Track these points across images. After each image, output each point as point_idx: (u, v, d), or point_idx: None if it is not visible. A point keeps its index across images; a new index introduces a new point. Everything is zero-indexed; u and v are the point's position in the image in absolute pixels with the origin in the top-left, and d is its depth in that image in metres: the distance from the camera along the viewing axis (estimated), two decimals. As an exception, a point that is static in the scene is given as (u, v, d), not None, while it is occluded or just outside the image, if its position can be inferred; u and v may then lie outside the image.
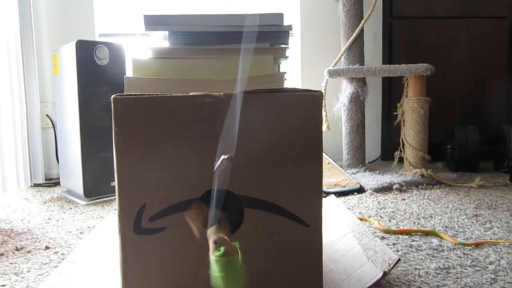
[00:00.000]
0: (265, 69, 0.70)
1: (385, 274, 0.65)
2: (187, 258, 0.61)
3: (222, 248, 0.49)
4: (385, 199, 1.35)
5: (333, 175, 1.60)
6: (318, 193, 0.62)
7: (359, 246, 0.78)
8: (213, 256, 0.49)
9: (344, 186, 1.47)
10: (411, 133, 1.66)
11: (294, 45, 2.07)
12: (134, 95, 0.59)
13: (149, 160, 0.59)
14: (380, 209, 1.24)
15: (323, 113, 1.75)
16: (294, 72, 2.09)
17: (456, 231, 1.01)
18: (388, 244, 0.92)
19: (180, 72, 0.70)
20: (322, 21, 2.04)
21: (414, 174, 1.59)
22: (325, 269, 0.71)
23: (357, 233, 0.84)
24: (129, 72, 1.41)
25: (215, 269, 0.49)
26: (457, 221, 1.08)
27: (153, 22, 0.71)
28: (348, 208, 1.24)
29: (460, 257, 0.84)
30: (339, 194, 1.43)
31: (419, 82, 1.64)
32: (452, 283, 0.72)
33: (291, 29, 0.74)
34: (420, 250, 0.88)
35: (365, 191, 1.46)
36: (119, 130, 0.58)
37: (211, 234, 0.52)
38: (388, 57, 2.01)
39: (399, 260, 0.68)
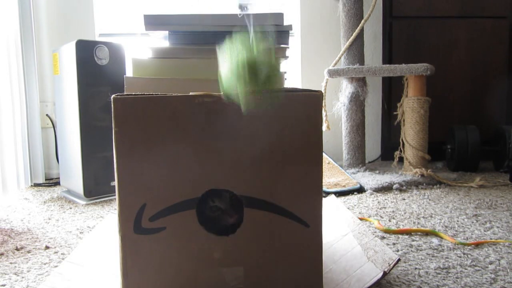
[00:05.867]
0: (265, 69, 0.70)
1: (385, 274, 0.65)
2: (187, 258, 0.61)
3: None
4: (385, 199, 1.35)
5: (333, 175, 1.60)
6: (318, 193, 0.62)
7: (359, 246, 0.78)
8: None
9: (344, 186, 1.47)
10: (411, 133, 1.66)
11: (294, 45, 2.07)
12: (134, 95, 0.59)
13: (149, 160, 0.59)
14: (380, 209, 1.24)
15: (323, 113, 1.75)
16: (294, 72, 2.09)
17: (456, 231, 1.01)
18: (388, 244, 0.92)
19: (180, 72, 0.70)
20: (322, 21, 2.04)
21: (414, 174, 1.59)
22: (325, 269, 0.71)
23: (357, 233, 0.84)
24: (129, 72, 1.42)
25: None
26: (457, 221, 1.08)
27: (153, 22, 0.71)
28: (348, 208, 1.24)
29: (460, 257, 0.84)
30: (339, 194, 1.43)
31: (419, 82, 1.64)
32: (452, 283, 0.72)
33: (291, 29, 0.74)
34: (420, 250, 0.88)
35: (365, 191, 1.46)
36: (119, 130, 0.58)
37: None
38: (388, 57, 2.01)
39: (399, 260, 0.68)
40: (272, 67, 0.47)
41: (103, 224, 1.04)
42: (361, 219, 1.11)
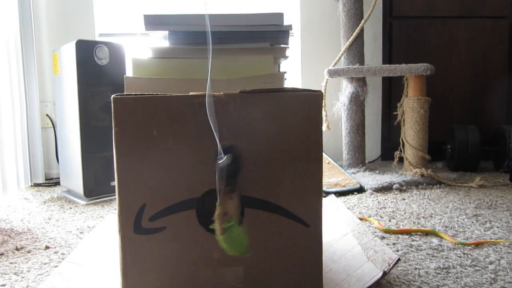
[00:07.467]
0: (265, 69, 0.70)
1: (385, 274, 0.65)
2: (187, 258, 0.61)
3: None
4: (385, 199, 1.35)
5: (333, 175, 1.60)
6: (318, 193, 0.62)
7: (359, 246, 0.78)
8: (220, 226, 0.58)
9: (344, 186, 1.47)
10: (411, 133, 1.66)
11: (294, 45, 2.07)
12: (134, 95, 0.59)
13: (149, 160, 0.59)
14: (380, 208, 1.24)
15: (323, 113, 1.75)
16: (294, 72, 2.09)
17: (456, 231, 1.01)
18: (388, 244, 0.92)
19: (180, 72, 0.70)
20: (322, 21, 2.04)
21: (414, 174, 1.59)
22: (325, 269, 0.71)
23: (357, 233, 0.84)
24: (129, 72, 1.42)
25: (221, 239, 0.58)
26: (457, 221, 1.08)
27: (153, 22, 0.71)
28: (348, 208, 1.24)
29: (460, 257, 0.84)
30: (339, 194, 1.43)
31: (419, 81, 1.64)
32: (452, 283, 0.72)
33: (291, 29, 0.74)
34: (420, 250, 0.88)
35: (365, 191, 1.46)
36: (119, 130, 0.58)
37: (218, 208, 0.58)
38: (388, 57, 2.01)
39: (399, 260, 0.68)
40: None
41: (103, 224, 1.04)
42: (361, 219, 1.11)
